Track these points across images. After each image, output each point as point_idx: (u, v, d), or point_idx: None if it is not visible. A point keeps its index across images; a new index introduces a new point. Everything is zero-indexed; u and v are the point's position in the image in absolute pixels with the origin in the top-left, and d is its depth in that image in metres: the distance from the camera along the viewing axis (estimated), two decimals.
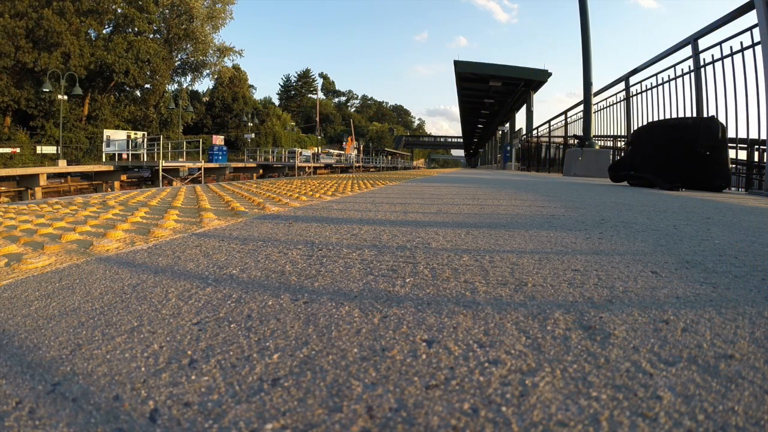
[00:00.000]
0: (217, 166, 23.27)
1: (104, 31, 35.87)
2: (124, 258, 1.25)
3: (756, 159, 6.86)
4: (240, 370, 0.60)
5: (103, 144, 23.98)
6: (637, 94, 9.50)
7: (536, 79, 24.17)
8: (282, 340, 0.70)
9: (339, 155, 49.54)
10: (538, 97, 25.99)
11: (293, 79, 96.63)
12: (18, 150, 25.79)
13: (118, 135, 24.93)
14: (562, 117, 15.48)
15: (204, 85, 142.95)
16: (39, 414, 0.51)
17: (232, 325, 0.76)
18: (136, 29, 36.64)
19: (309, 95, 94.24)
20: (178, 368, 0.61)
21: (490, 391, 0.55)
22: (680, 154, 5.58)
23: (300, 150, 33.51)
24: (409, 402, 0.52)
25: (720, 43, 6.36)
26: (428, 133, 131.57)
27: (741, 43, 5.92)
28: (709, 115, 6.39)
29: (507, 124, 35.15)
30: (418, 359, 0.63)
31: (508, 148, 28.92)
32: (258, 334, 0.72)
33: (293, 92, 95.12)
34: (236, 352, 0.65)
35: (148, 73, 35.82)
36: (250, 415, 0.50)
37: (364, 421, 0.49)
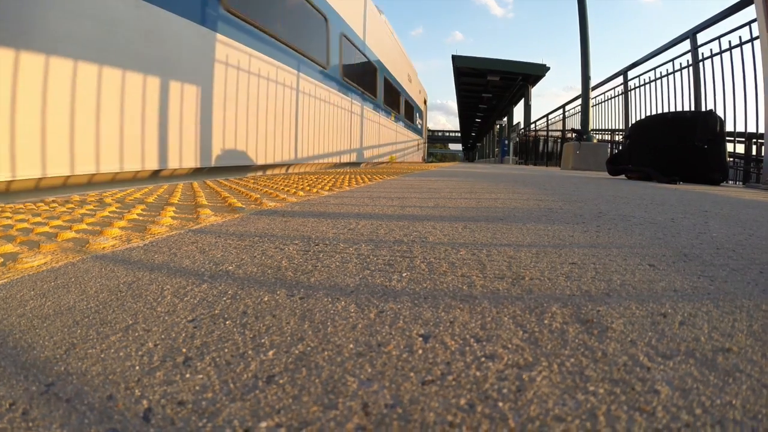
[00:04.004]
0: None
1: None
2: (120, 255, 1.25)
3: (754, 152, 6.88)
4: (235, 367, 0.60)
5: None
6: (635, 88, 9.52)
7: (534, 73, 24.22)
8: (277, 337, 0.69)
9: None
10: (536, 92, 26.10)
11: None
12: None
13: None
14: (560, 111, 15.51)
15: None
16: (33, 415, 0.50)
17: (227, 322, 0.76)
18: None
19: None
20: (172, 366, 0.60)
21: (487, 386, 0.54)
22: (678, 147, 5.58)
23: None
24: (404, 398, 0.52)
25: (719, 38, 6.39)
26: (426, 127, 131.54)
27: (740, 37, 5.94)
28: (708, 108, 6.40)
29: (505, 118, 35.19)
30: (414, 354, 0.63)
31: (506, 142, 28.94)
32: (253, 331, 0.72)
33: None
34: (231, 350, 0.65)
35: None
36: (245, 413, 0.49)
37: (359, 417, 0.48)
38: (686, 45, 7.30)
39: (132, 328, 0.74)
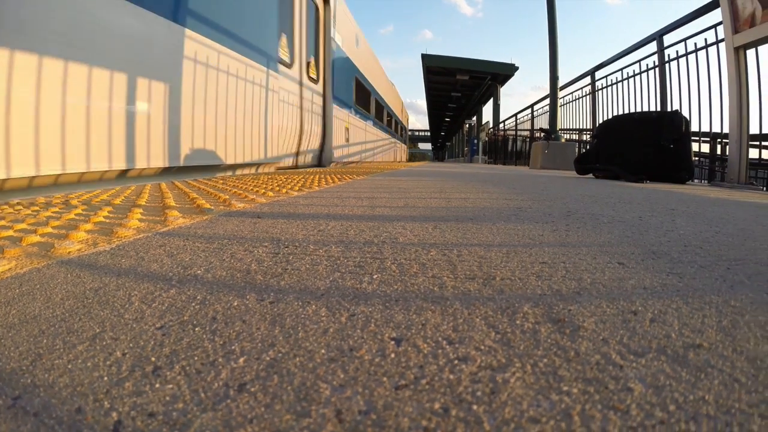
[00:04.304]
0: None
1: None
2: (86, 260, 1.22)
3: (719, 152, 7.04)
4: (205, 376, 0.58)
5: None
6: (602, 89, 9.67)
7: (503, 72, 24.44)
8: (248, 343, 0.68)
9: None
10: (505, 91, 26.44)
11: None
12: None
13: None
14: (529, 110, 15.67)
15: None
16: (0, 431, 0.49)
17: (196, 329, 0.74)
18: None
19: None
20: (141, 376, 0.59)
21: (461, 390, 0.54)
22: (645, 147, 5.68)
23: None
24: (378, 403, 0.51)
25: (685, 40, 6.53)
26: None
27: (705, 39, 6.09)
28: (673, 109, 6.53)
29: (474, 118, 35.46)
30: (386, 358, 0.62)
31: (475, 141, 29.21)
32: (223, 338, 0.70)
33: None
34: (201, 357, 0.64)
35: None
36: (216, 423, 0.48)
37: (333, 425, 0.48)
38: (653, 46, 7.44)
39: (99, 337, 0.72)
